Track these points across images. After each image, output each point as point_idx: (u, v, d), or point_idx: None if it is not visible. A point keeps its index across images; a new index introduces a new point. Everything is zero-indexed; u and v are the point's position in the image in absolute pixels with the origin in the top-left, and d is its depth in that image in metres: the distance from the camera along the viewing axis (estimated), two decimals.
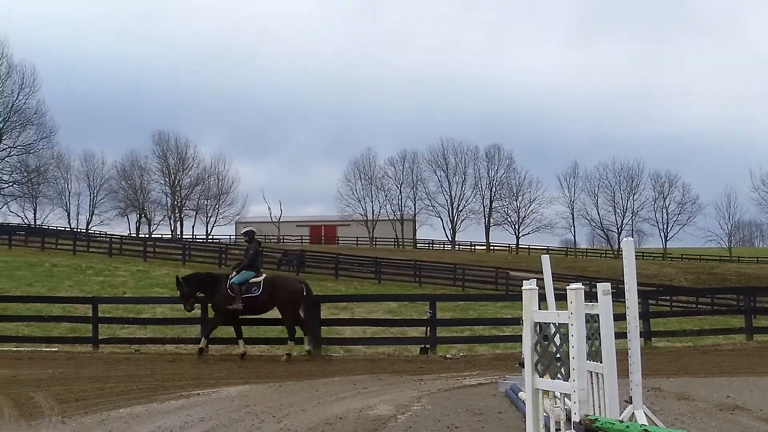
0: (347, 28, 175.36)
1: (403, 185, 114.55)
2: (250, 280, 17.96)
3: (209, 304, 18.73)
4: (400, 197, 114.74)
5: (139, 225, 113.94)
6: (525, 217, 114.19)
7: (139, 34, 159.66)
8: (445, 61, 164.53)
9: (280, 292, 18.04)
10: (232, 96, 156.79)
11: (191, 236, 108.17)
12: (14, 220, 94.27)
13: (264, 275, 18.38)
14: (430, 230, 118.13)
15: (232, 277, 17.97)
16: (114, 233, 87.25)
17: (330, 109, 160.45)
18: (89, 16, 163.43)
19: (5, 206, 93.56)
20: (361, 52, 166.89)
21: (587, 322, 6.38)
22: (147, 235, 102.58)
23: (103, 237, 76.38)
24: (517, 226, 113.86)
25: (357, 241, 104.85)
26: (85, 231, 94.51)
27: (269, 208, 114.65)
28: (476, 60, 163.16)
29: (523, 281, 7.53)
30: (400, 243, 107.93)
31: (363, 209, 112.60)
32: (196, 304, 18.53)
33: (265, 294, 17.87)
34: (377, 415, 9.70)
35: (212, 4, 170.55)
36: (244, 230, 19.81)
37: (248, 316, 18.53)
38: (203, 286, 18.31)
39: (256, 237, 19.32)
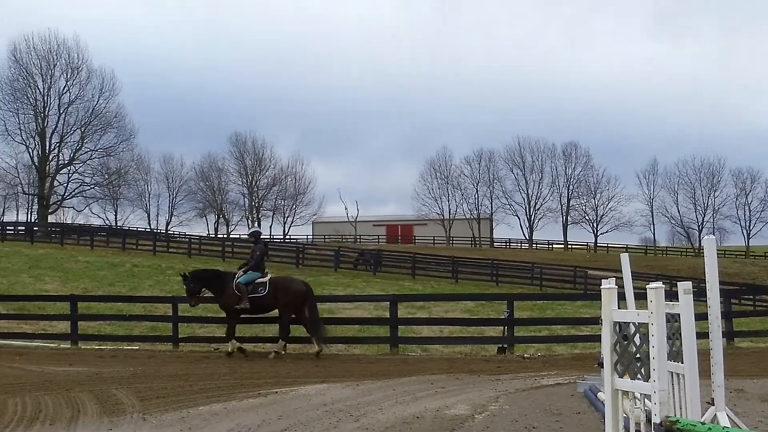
0: (422, 27, 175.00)
1: (479, 184, 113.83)
2: (256, 281, 18.22)
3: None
4: (476, 196, 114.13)
5: (217, 225, 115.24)
6: (603, 215, 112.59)
7: (215, 38, 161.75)
8: (520, 58, 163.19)
9: (285, 293, 18.30)
10: (308, 97, 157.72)
11: (269, 236, 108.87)
12: (96, 222, 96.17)
13: (269, 276, 18.65)
14: (507, 229, 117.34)
15: (239, 277, 18.20)
16: (193, 234, 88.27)
17: (405, 109, 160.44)
18: (166, 21, 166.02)
19: (87, 208, 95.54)
20: (435, 51, 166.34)
21: (668, 321, 6.28)
22: (225, 236, 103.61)
23: (182, 237, 77.28)
24: (595, 225, 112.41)
25: (434, 240, 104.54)
26: (164, 232, 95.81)
27: (346, 208, 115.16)
28: (552, 57, 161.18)
29: (602, 280, 7.44)
30: (477, 242, 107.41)
31: (439, 208, 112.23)
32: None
33: (271, 294, 18.15)
34: (454, 414, 9.67)
35: (287, 7, 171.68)
36: (251, 231, 20.08)
37: (250, 316, 18.93)
38: (211, 284, 18.54)
39: (261, 238, 19.96)
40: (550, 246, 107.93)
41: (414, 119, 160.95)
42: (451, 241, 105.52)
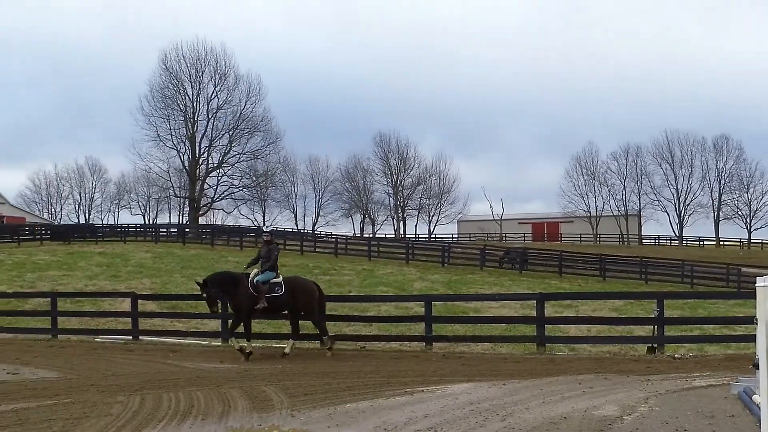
0: (561, 21, 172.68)
1: (626, 180, 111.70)
2: (272, 280, 18.07)
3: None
4: (624, 192, 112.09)
5: (363, 225, 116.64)
6: (757, 210, 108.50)
7: (357, 40, 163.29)
8: (665, 49, 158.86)
9: (301, 293, 18.23)
10: (451, 95, 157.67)
11: (414, 235, 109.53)
12: (245, 223, 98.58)
13: (281, 276, 18.55)
14: (656, 225, 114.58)
15: (255, 276, 17.97)
16: (339, 234, 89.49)
17: (548, 105, 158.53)
18: (309, 26, 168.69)
19: (236, 209, 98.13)
20: (576, 44, 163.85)
21: None
22: (371, 235, 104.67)
23: (328, 237, 78.38)
24: (748, 220, 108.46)
25: (580, 238, 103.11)
26: (311, 232, 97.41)
27: (491, 206, 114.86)
28: (698, 47, 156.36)
29: (757, 278, 7.18)
30: (625, 239, 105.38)
31: (586, 205, 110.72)
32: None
33: (287, 294, 18.07)
34: (603, 415, 9.50)
35: (427, 6, 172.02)
36: (268, 230, 19.82)
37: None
38: (226, 285, 18.13)
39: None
40: (701, 243, 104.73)
41: (557, 115, 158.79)
42: (598, 239, 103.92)
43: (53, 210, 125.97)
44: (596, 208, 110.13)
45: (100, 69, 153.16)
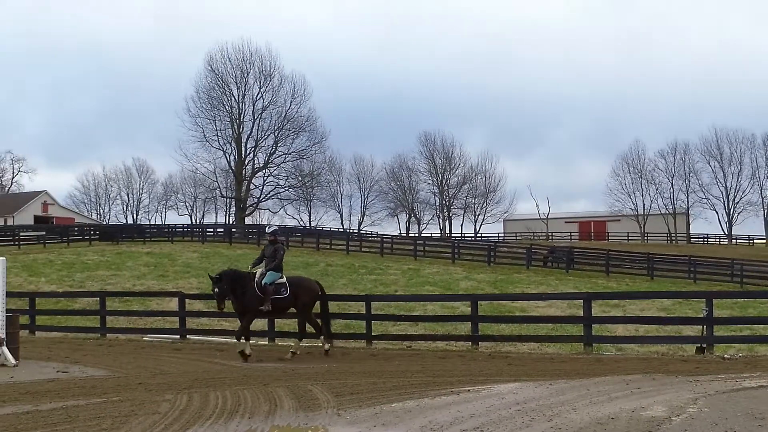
0: (604, 18, 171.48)
1: (674, 178, 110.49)
2: (277, 281, 17.79)
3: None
4: (671, 190, 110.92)
5: (408, 224, 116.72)
6: None
7: (402, 39, 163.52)
8: (713, 45, 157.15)
9: (304, 294, 18.11)
10: (495, 93, 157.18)
11: (460, 235, 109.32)
12: (291, 223, 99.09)
13: (284, 276, 18.20)
14: (705, 224, 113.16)
15: (262, 277, 17.61)
16: (385, 233, 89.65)
17: (593, 103, 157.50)
18: (353, 25, 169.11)
19: (282, 209, 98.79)
20: (622, 42, 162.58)
21: None
22: (417, 234, 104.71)
23: (374, 237, 78.51)
24: None
25: (628, 236, 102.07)
26: (357, 231, 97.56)
27: (537, 205, 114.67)
28: (747, 42, 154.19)
29: None
30: (673, 238, 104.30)
31: (633, 204, 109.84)
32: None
33: (291, 295, 17.88)
34: (651, 416, 9.41)
35: (471, 5, 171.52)
36: (271, 230, 19.59)
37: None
38: (235, 284, 17.52)
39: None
40: (751, 241, 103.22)
41: (603, 113, 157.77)
42: (645, 238, 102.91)
43: (101, 211, 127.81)
44: (643, 207, 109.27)
45: (147, 72, 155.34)
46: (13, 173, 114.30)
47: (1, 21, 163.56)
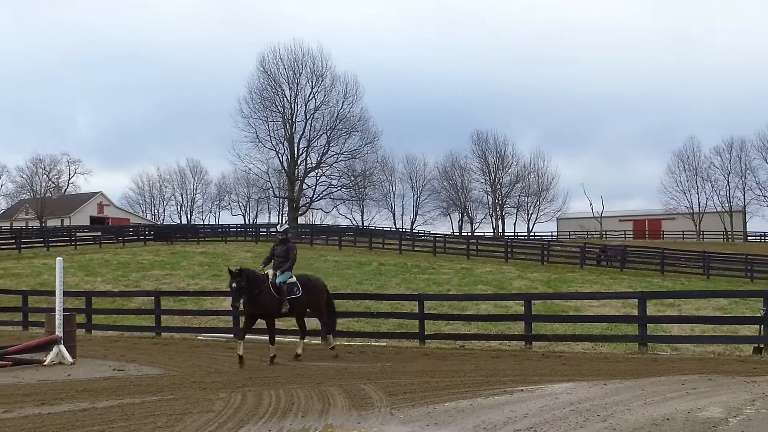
0: (656, 14, 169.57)
1: (730, 175, 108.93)
2: (288, 281, 17.14)
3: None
4: (727, 188, 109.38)
5: (461, 223, 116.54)
6: None
7: (453, 39, 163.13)
8: (767, 40, 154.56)
9: (316, 293, 17.73)
10: (547, 92, 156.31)
11: (513, 233, 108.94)
12: (343, 222, 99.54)
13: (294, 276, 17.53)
14: (762, 222, 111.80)
15: (276, 277, 16.93)
16: (437, 232, 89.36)
17: (646, 99, 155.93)
18: (405, 25, 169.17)
19: (335, 209, 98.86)
20: (675, 38, 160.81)
21: None
22: (469, 234, 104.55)
23: (427, 236, 78.45)
24: None
25: (683, 235, 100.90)
26: (409, 230, 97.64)
27: (590, 204, 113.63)
28: None
29: None
30: (729, 236, 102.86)
31: (688, 201, 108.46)
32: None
33: (305, 295, 17.29)
34: (707, 417, 9.29)
35: (522, 4, 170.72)
36: (283, 228, 18.83)
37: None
38: (252, 284, 16.53)
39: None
40: None
41: (656, 109, 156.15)
42: (701, 236, 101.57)
43: (156, 211, 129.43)
44: (699, 205, 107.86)
45: (201, 74, 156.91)
46: (69, 175, 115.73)
47: (60, 27, 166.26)
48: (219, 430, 9.41)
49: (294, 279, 17.25)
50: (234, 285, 16.09)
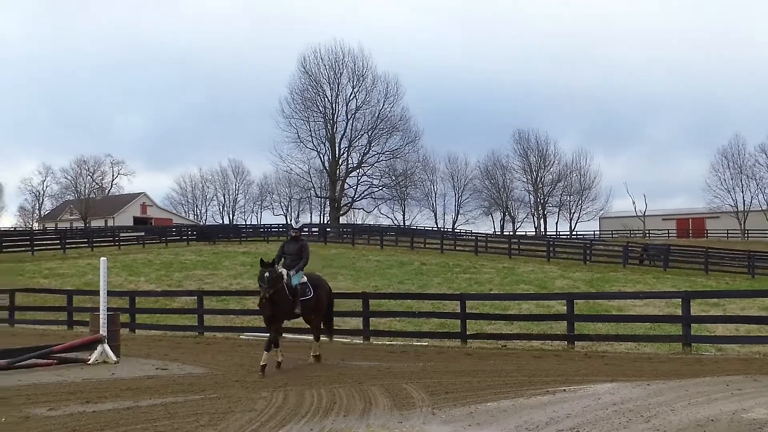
0: (696, 13, 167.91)
1: None
2: (300, 281, 16.08)
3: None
4: None
5: (503, 223, 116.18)
6: None
7: (495, 38, 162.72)
8: None
9: (327, 293, 16.92)
10: (589, 90, 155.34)
11: (555, 233, 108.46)
12: (385, 222, 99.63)
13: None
14: None
15: (291, 277, 15.82)
16: (479, 231, 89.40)
17: (689, 97, 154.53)
18: (444, 26, 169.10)
19: (376, 209, 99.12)
20: (718, 35, 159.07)
21: None
22: (511, 233, 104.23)
23: (468, 235, 78.41)
24: None
25: (727, 234, 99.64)
26: (451, 230, 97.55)
27: (633, 202, 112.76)
28: None
29: None
30: None
31: (733, 200, 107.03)
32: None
33: (315, 296, 16.26)
34: (752, 418, 9.19)
35: (563, 2, 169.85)
36: (299, 225, 17.91)
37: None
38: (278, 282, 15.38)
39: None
40: None
41: (699, 107, 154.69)
42: (746, 235, 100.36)
43: (198, 211, 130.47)
44: (744, 203, 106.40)
45: (241, 75, 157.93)
46: (112, 176, 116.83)
47: (103, 31, 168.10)
48: (261, 428, 9.47)
49: (305, 279, 16.26)
50: (267, 275, 15.02)
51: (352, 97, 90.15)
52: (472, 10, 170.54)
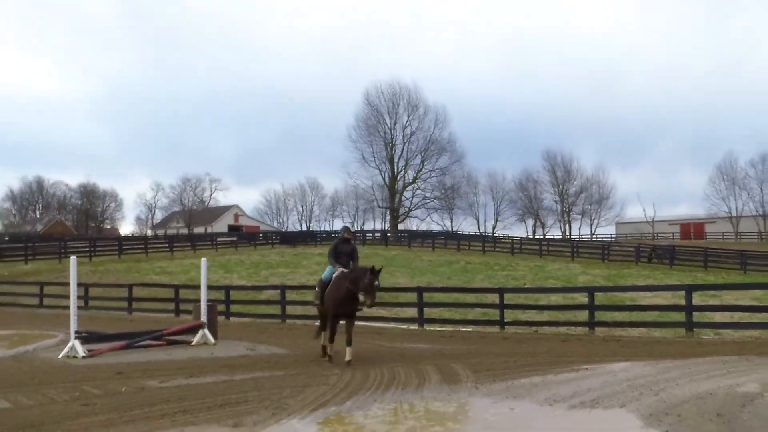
0: (699, 37, 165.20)
1: (764, 183, 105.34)
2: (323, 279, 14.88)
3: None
4: (761, 195, 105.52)
5: (534, 228, 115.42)
6: None
7: (527, 71, 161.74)
8: None
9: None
10: (605, 110, 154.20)
11: (578, 236, 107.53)
12: (436, 228, 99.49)
13: None
14: None
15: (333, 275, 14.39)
16: (514, 235, 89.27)
17: (691, 119, 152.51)
18: (482, 59, 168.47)
19: (428, 217, 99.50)
20: (714, 59, 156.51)
21: None
22: (542, 236, 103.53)
23: (505, 239, 78.03)
24: None
25: (723, 236, 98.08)
26: (491, 234, 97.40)
27: (644, 210, 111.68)
28: None
29: None
30: (764, 236, 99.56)
31: (727, 207, 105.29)
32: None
33: None
34: (745, 392, 9.07)
35: (581, 35, 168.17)
36: (344, 227, 15.49)
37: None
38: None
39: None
40: None
41: (700, 125, 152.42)
42: (739, 237, 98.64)
43: (281, 220, 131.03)
44: (737, 210, 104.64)
45: (315, 106, 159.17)
46: (210, 191, 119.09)
47: (205, 69, 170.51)
48: (333, 399, 9.58)
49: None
50: (377, 283, 13.36)
51: (407, 124, 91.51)
52: (506, 50, 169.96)
